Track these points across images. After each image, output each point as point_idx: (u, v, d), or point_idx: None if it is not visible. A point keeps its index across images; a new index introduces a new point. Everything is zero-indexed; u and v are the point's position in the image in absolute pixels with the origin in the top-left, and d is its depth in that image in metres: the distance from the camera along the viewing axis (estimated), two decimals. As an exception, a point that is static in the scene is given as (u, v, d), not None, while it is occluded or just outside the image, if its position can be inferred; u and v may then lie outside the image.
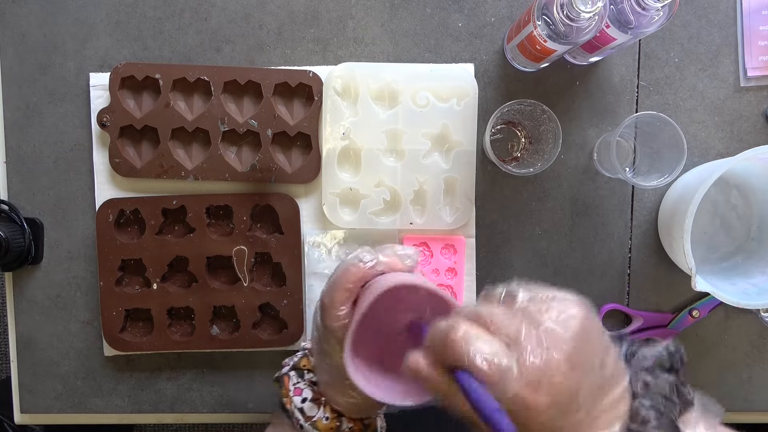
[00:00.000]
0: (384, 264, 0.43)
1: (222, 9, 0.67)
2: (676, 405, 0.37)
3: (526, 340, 0.33)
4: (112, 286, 0.66)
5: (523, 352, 0.33)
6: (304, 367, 0.51)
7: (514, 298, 0.36)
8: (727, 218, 0.68)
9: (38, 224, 0.68)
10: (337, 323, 0.43)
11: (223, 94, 0.66)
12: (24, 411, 0.70)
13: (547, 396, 0.32)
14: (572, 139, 0.68)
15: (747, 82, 0.67)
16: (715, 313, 0.69)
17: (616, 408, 0.35)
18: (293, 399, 0.49)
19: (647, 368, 0.38)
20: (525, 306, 0.35)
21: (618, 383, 0.36)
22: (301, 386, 0.50)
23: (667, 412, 0.36)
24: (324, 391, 0.49)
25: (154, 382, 0.70)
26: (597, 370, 0.35)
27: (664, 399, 0.36)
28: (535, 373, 0.32)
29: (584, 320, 0.35)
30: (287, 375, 0.51)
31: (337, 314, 0.43)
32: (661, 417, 0.35)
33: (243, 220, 0.66)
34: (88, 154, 0.68)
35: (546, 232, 0.69)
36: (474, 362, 0.32)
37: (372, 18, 0.67)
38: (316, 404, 0.49)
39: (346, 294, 0.43)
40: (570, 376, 0.33)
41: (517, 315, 0.35)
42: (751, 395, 0.70)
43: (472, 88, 0.65)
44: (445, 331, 0.34)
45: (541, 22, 0.54)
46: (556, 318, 0.34)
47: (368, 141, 0.66)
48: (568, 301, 0.35)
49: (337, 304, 0.43)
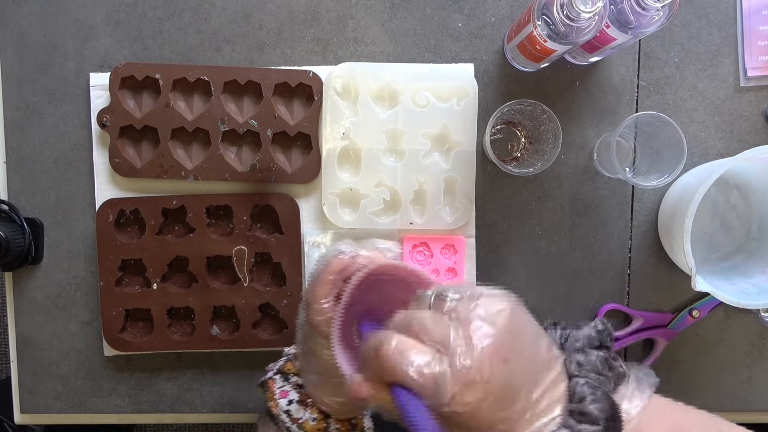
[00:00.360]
0: (365, 257, 0.43)
1: (222, 9, 0.67)
2: (609, 379, 0.39)
3: (456, 342, 0.34)
4: (112, 286, 0.66)
5: (454, 355, 0.33)
6: (289, 371, 0.50)
7: (443, 300, 0.37)
8: (727, 218, 0.68)
9: (38, 224, 0.68)
10: (321, 317, 0.42)
11: (223, 94, 0.66)
12: (24, 411, 0.70)
13: (482, 393, 0.33)
14: (572, 139, 0.68)
15: (747, 82, 0.67)
16: (715, 313, 0.69)
17: (553, 391, 0.36)
18: (279, 402, 0.49)
19: (579, 349, 0.39)
20: (453, 307, 0.36)
21: (552, 368, 0.37)
22: (287, 388, 0.49)
23: (601, 387, 0.37)
24: (311, 392, 0.48)
25: (154, 382, 0.70)
26: (530, 358, 0.36)
27: (597, 374, 0.38)
28: (468, 373, 0.33)
29: (512, 313, 0.36)
30: (272, 379, 0.50)
31: (321, 308, 0.42)
32: (595, 391, 0.36)
33: (243, 220, 0.66)
34: (88, 154, 0.68)
35: (546, 232, 0.69)
36: (406, 376, 0.33)
37: (372, 18, 0.67)
38: (303, 406, 0.48)
39: (327, 287, 0.42)
40: (502, 369, 0.34)
41: (445, 318, 0.35)
42: (751, 395, 0.70)
43: (472, 88, 0.65)
44: (376, 348, 0.35)
45: (541, 22, 0.54)
46: (484, 315, 0.35)
47: (368, 141, 0.66)
48: (495, 296, 0.36)
49: (319, 298, 0.42)
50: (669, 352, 0.69)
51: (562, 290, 0.69)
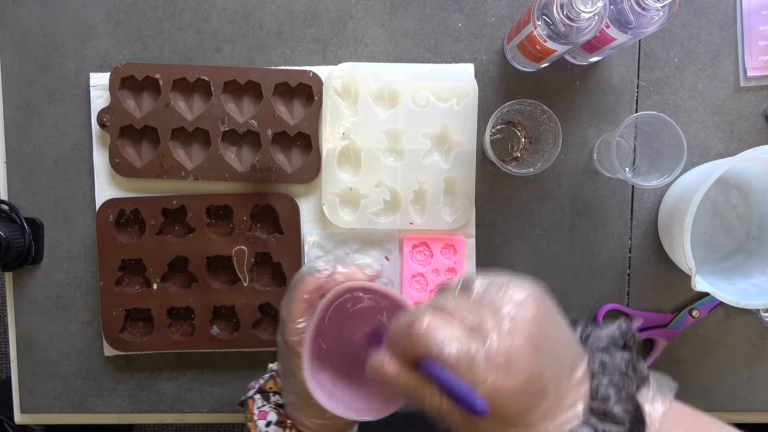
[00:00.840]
0: (343, 275, 0.42)
1: (222, 9, 0.67)
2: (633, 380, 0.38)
3: (489, 326, 0.33)
4: (112, 286, 0.66)
5: (487, 338, 0.33)
6: (270, 389, 0.49)
7: (470, 287, 0.36)
8: (727, 218, 0.68)
9: (38, 224, 0.68)
10: (297, 337, 0.41)
11: (223, 94, 0.66)
12: (24, 411, 0.70)
13: (515, 379, 0.32)
14: (572, 139, 0.68)
15: (747, 82, 0.67)
16: (715, 313, 0.69)
17: (579, 388, 0.36)
18: (257, 423, 0.48)
19: (603, 347, 0.39)
20: (482, 294, 0.35)
21: (579, 363, 0.37)
22: (266, 409, 0.48)
23: (625, 388, 0.37)
24: (290, 413, 0.47)
25: (154, 382, 0.70)
26: (559, 350, 0.36)
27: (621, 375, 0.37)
28: (502, 357, 0.32)
29: (541, 302, 0.35)
30: (252, 398, 0.50)
31: (296, 327, 0.41)
32: (620, 392, 0.36)
33: (243, 220, 0.66)
34: (88, 154, 0.68)
35: (546, 232, 0.69)
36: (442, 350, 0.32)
37: (372, 18, 0.67)
38: (281, 427, 0.47)
39: (302, 305, 0.41)
40: (535, 358, 0.33)
41: (476, 303, 0.35)
42: (751, 395, 0.70)
43: (472, 88, 0.65)
44: (407, 325, 0.34)
45: (541, 22, 0.54)
46: (515, 302, 0.34)
47: (368, 141, 0.66)
48: (524, 285, 0.36)
49: (295, 317, 0.41)
50: (669, 352, 0.69)
51: (562, 290, 0.69)
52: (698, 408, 0.74)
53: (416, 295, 0.67)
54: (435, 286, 0.40)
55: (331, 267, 0.42)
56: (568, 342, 0.37)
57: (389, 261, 0.67)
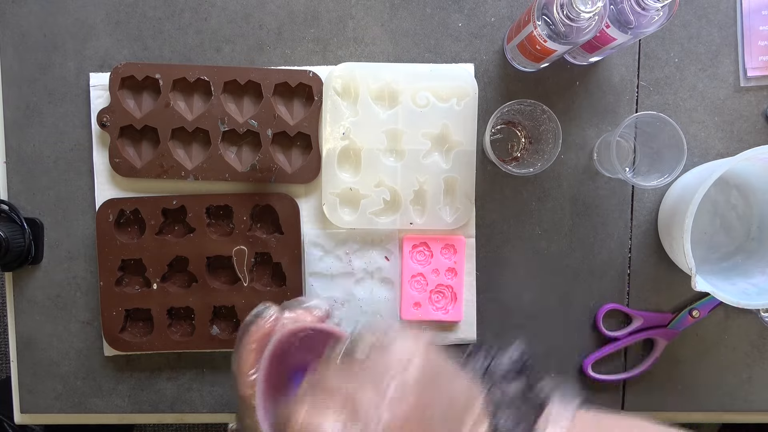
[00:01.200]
0: (290, 319, 0.40)
1: (222, 9, 0.67)
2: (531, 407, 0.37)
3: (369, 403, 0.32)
4: (112, 286, 0.66)
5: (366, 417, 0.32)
6: None
7: (352, 354, 0.35)
8: (727, 218, 0.68)
9: (38, 224, 0.68)
10: (251, 390, 0.39)
11: (223, 94, 0.66)
12: (24, 411, 0.70)
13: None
14: (572, 139, 0.68)
15: (747, 82, 0.67)
16: (715, 313, 0.69)
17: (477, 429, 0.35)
18: None
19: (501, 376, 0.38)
20: (364, 361, 0.34)
21: (472, 407, 0.36)
22: None
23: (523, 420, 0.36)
24: None
25: (154, 382, 0.70)
26: (448, 403, 0.35)
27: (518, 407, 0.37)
28: None
29: (425, 358, 0.34)
30: None
31: (248, 380, 0.39)
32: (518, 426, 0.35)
33: (243, 220, 0.66)
34: (88, 154, 0.68)
35: (546, 232, 0.69)
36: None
37: (372, 18, 0.67)
38: None
39: (252, 356, 0.40)
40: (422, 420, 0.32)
41: (355, 376, 0.34)
42: (751, 395, 0.70)
43: (472, 88, 0.65)
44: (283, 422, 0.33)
45: (541, 22, 0.54)
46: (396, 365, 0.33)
47: (368, 141, 0.66)
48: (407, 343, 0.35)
49: (245, 369, 0.39)
50: (669, 352, 0.69)
51: (562, 290, 0.69)
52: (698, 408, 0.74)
53: (416, 295, 0.67)
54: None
55: (278, 312, 0.41)
56: (460, 388, 0.36)
57: (389, 261, 0.67)
